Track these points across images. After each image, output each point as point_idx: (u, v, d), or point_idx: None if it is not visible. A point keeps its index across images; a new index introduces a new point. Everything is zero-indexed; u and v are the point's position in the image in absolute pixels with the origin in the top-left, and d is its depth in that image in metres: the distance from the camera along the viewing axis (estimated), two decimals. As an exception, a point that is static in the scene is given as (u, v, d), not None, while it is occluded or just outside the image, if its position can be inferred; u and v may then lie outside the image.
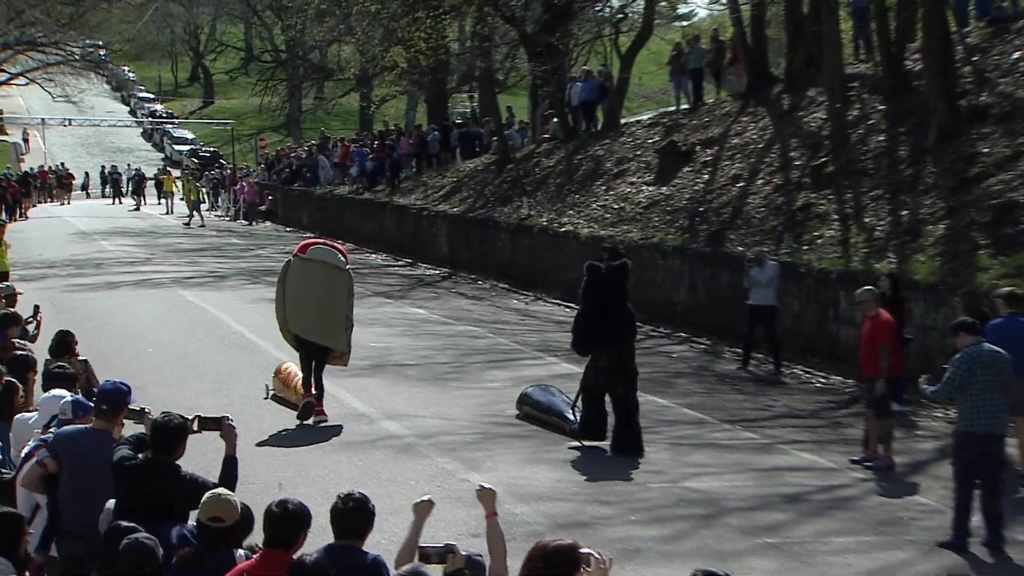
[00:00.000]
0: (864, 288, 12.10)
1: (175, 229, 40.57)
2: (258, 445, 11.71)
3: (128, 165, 57.36)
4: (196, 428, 6.54)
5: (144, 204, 51.66)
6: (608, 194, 24.48)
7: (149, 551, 5.20)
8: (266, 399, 13.98)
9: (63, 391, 7.48)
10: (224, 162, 60.28)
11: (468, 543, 5.88)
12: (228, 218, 46.54)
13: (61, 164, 59.79)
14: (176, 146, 69.33)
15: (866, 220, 17.19)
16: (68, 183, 56.34)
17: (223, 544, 5.49)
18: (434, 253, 30.25)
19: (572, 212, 24.84)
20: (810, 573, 8.57)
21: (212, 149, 67.40)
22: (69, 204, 53.30)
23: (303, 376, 13.29)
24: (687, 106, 27.00)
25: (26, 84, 58.75)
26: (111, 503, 6.25)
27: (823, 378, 15.64)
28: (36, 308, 12.08)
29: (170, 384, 14.53)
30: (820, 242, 17.45)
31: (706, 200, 21.16)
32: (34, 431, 7.22)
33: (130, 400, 6.93)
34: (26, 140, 69.66)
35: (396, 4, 32.34)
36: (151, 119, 74.76)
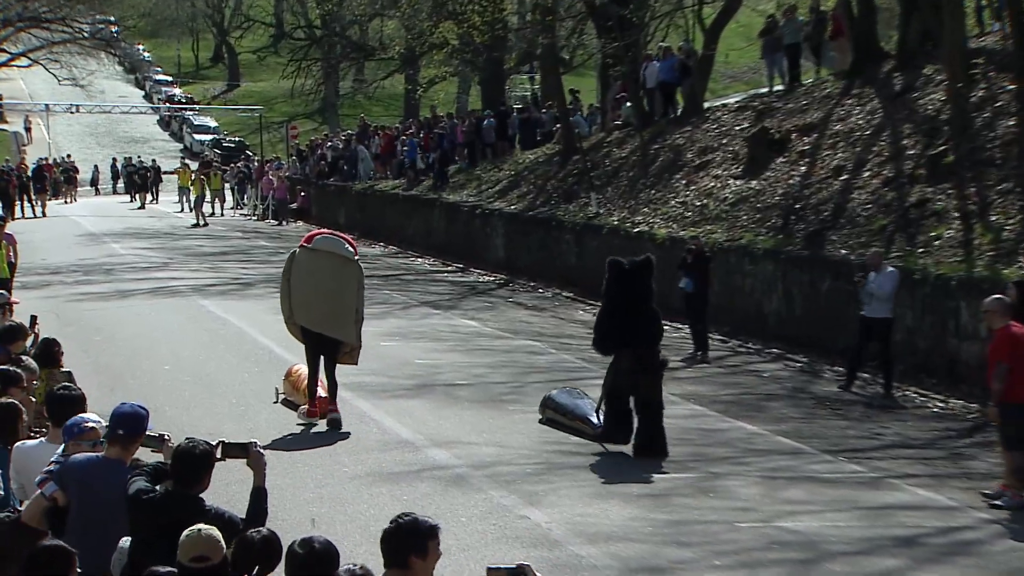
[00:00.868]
0: (992, 297, 11.97)
1: (195, 230, 41.06)
2: (289, 476, 11.80)
3: (139, 157, 58.09)
4: (219, 456, 6.59)
5: (157, 201, 52.32)
6: (689, 189, 24.40)
7: None
8: (275, 403, 14.59)
9: (90, 415, 7.45)
10: (251, 153, 60.93)
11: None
12: (255, 217, 47.02)
13: (67, 156, 60.71)
14: (197, 135, 70.15)
15: (992, 218, 16.98)
16: (74, 178, 57.15)
17: None
18: (489, 257, 30.31)
19: (647, 210, 24.78)
20: (926, 629, 8.47)
21: (237, 139, 68.13)
22: (75, 201, 54.13)
23: (309, 375, 14.06)
24: (781, 87, 26.83)
25: (28, 66, 59.73)
26: (125, 541, 6.31)
27: (941, 402, 15.48)
28: (33, 319, 12.23)
29: (189, 406, 14.70)
30: (938, 244, 17.26)
31: (803, 196, 21.02)
32: (49, 462, 7.21)
33: (148, 426, 7.00)
34: (28, 129, 70.70)
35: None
36: (169, 105, 75.76)
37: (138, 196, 52.51)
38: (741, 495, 11.49)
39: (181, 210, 48.29)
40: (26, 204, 46.45)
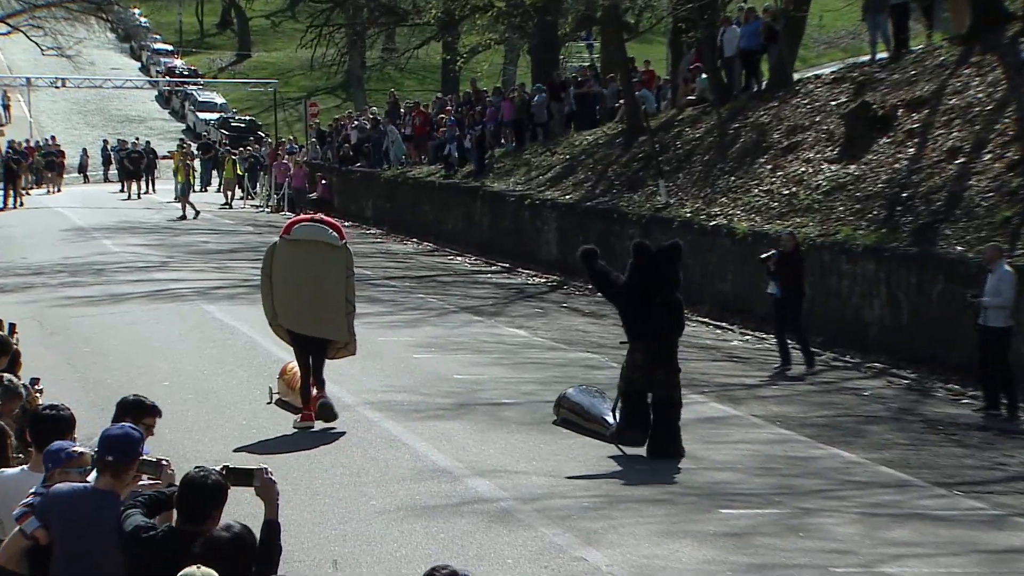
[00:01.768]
0: None
1: (199, 223, 41.37)
2: (307, 509, 11.85)
3: (136, 139, 58.53)
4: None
5: (153, 190, 52.70)
6: (775, 175, 24.32)
7: None
8: (269, 403, 15.32)
9: (65, 442, 7.47)
10: (263, 135, 61.32)
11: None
12: (268, 209, 47.30)
13: (51, 138, 61.23)
14: (201, 114, 70.66)
15: None
16: (60, 163, 57.54)
17: None
18: (539, 255, 30.34)
19: (725, 200, 24.73)
20: None
21: (248, 118, 68.59)
22: (60, 191, 54.59)
23: (301, 377, 14.92)
24: (886, 55, 26.69)
25: (7, 33, 60.35)
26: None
27: (1075, 427, 15.35)
28: (11, 327, 12.32)
29: (191, 429, 14.79)
30: (1071, 239, 17.13)
31: (911, 183, 20.91)
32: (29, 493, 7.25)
33: (144, 450, 7.03)
34: (7, 106, 71.36)
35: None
36: (169, 79, 76.31)
37: (129, 185, 52.69)
38: (837, 535, 11.42)
39: (176, 199, 48.78)
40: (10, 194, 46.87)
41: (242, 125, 66.14)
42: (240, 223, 41.65)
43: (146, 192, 52.81)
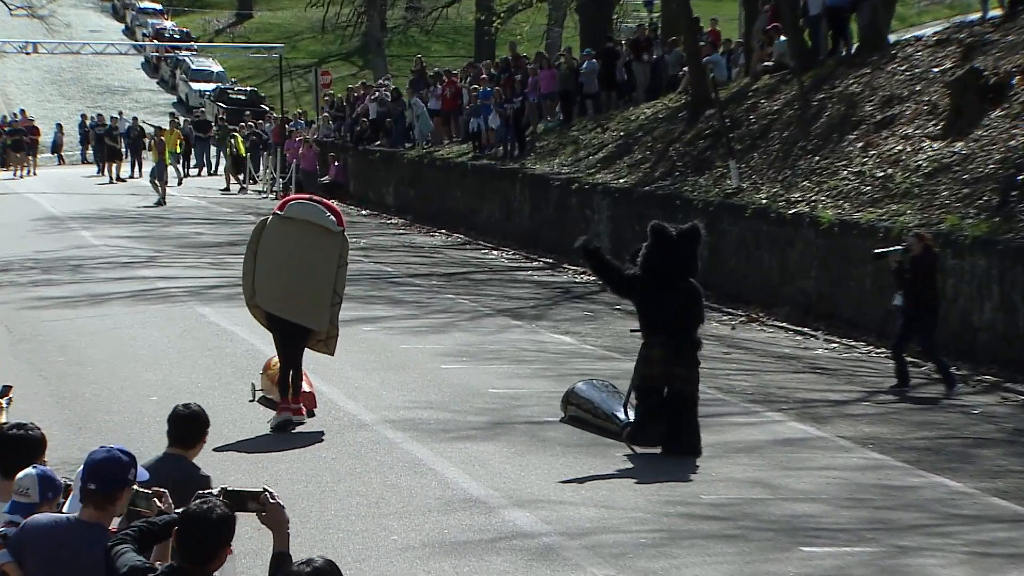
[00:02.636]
0: None
1: (192, 211, 41.52)
2: (319, 545, 11.86)
3: (120, 114, 58.77)
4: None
5: (141, 174, 52.76)
6: (867, 155, 24.25)
7: None
8: (251, 401, 15.97)
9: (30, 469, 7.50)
10: (268, 108, 61.53)
11: None
12: (272, 194, 47.42)
13: (21, 112, 61.56)
14: (195, 84, 70.94)
15: None
16: (33, 142, 57.83)
17: None
18: (590, 249, 30.30)
19: (807, 184, 24.67)
20: None
21: (249, 88, 68.82)
22: (35, 175, 54.89)
23: (280, 368, 15.62)
24: (999, 13, 26.57)
25: (-30, -9, 60.72)
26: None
27: None
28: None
29: (183, 449, 14.85)
30: None
31: (1029, 163, 20.84)
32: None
33: (135, 476, 7.05)
34: (-30, 77, 71.85)
35: None
36: (157, 43, 76.46)
37: (109, 167, 52.76)
38: (940, 577, 11.36)
39: (179, 182, 48.96)
40: None
41: (242, 97, 66.37)
42: (240, 211, 41.80)
43: (131, 175, 53.00)
